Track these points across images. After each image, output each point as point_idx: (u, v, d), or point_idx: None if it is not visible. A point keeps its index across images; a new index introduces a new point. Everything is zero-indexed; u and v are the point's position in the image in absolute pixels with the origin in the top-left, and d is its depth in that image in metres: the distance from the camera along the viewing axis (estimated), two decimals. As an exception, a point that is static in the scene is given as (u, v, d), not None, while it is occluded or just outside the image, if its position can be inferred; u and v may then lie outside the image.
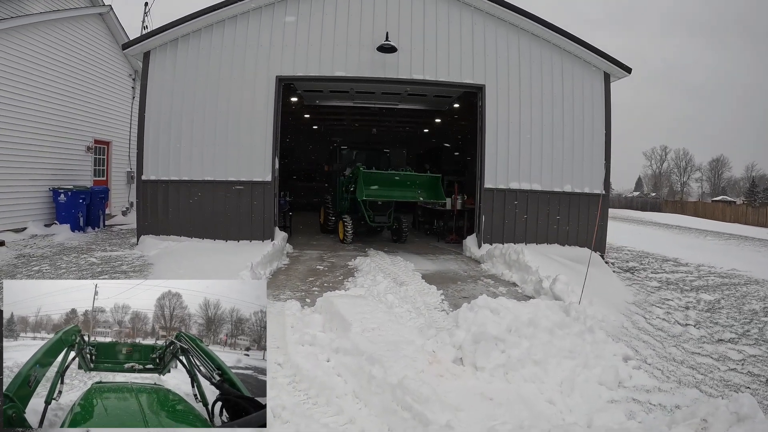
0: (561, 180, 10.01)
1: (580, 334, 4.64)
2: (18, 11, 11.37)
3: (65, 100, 12.52)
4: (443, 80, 9.80)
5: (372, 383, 3.61)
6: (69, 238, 10.60)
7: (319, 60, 9.54)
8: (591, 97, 10.09)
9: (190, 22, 9.27)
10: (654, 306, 6.92)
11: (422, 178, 11.09)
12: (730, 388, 4.26)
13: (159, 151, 9.48)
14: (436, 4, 9.76)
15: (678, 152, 79.63)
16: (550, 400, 3.69)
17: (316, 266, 8.54)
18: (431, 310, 5.91)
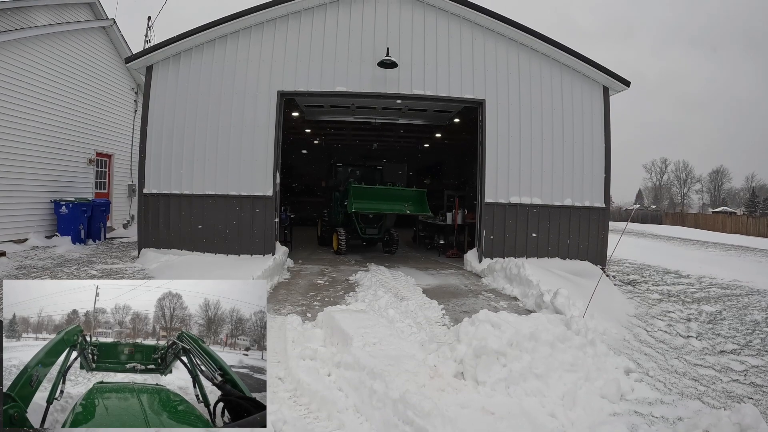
0: (561, 194, 10.05)
1: (581, 347, 4.62)
2: (22, 23, 11.51)
3: (68, 112, 12.63)
4: (444, 95, 9.89)
5: (373, 398, 3.61)
6: (70, 250, 10.61)
7: (320, 75, 9.64)
8: (590, 111, 10.17)
9: (192, 37, 9.39)
10: (656, 318, 6.91)
11: (409, 192, 11.56)
12: (733, 399, 4.24)
13: (161, 165, 9.54)
14: (436, 20, 9.88)
15: (678, 164, 80.00)
16: (552, 414, 3.67)
17: (317, 281, 8.54)
18: (432, 324, 5.91)
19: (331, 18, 9.74)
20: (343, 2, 9.78)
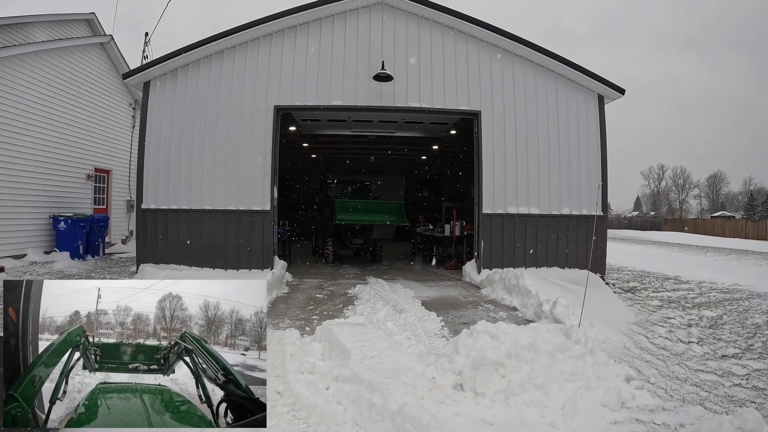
0: (559, 203, 10.06)
1: (581, 356, 4.61)
2: (20, 39, 11.61)
3: (66, 127, 12.70)
4: (439, 107, 9.93)
5: (372, 411, 3.59)
6: (68, 266, 10.61)
7: (316, 89, 9.69)
8: (586, 120, 10.21)
9: (189, 53, 9.46)
10: (656, 325, 6.89)
11: (388, 205, 12.24)
12: (735, 404, 4.20)
13: (159, 180, 9.55)
14: (430, 32, 9.96)
15: (675, 170, 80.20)
16: (553, 424, 3.65)
17: (316, 294, 8.53)
18: (431, 336, 5.87)
19: (326, 32, 9.81)
20: (338, 17, 9.86)
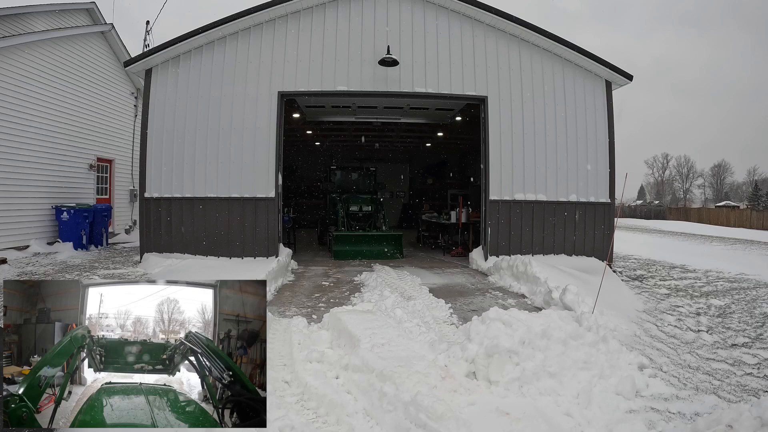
0: (566, 190, 9.95)
1: (593, 344, 4.53)
2: (21, 29, 11.48)
3: (68, 118, 12.59)
4: (445, 93, 9.81)
5: (383, 400, 3.52)
6: (72, 256, 10.56)
7: (320, 75, 9.56)
8: (593, 106, 10.07)
9: (191, 39, 9.32)
10: (665, 313, 6.83)
11: (385, 236, 12.10)
12: (748, 393, 4.16)
13: (162, 169, 9.47)
14: (436, 17, 9.80)
15: (679, 159, 79.79)
16: (568, 413, 3.58)
17: (322, 282, 8.47)
18: (440, 324, 5.82)
19: (330, 17, 9.66)
20: (342, 1, 9.70)
